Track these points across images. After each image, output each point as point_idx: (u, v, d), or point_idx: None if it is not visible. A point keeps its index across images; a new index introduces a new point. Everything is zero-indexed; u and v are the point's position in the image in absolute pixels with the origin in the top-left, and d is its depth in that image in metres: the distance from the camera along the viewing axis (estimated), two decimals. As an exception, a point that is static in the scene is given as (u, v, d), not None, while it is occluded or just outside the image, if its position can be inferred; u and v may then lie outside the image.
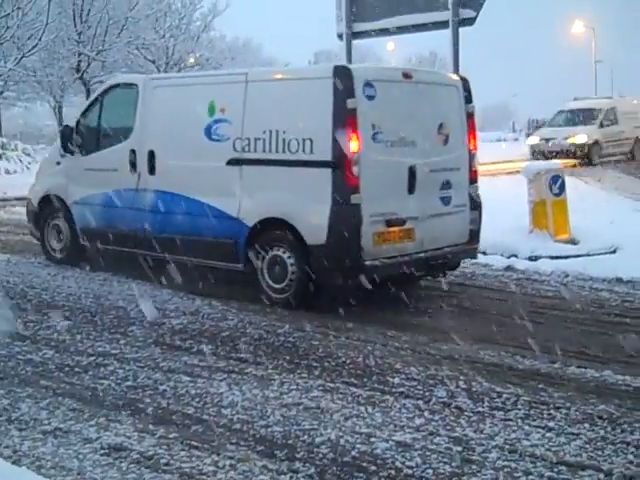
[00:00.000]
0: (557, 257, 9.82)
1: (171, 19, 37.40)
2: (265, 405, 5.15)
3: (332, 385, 5.53)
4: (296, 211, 7.72)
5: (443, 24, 12.88)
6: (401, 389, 5.45)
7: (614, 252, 10.19)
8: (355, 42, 14.60)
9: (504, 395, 5.31)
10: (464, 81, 8.74)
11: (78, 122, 9.93)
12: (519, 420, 4.89)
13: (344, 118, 7.43)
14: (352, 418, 4.93)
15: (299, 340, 6.63)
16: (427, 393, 5.36)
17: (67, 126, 10.19)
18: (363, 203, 7.45)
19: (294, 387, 5.48)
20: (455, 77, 9.06)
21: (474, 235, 8.64)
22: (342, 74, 7.54)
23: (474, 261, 9.77)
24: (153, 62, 36.46)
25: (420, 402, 5.20)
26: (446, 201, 8.28)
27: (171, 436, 4.67)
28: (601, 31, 63.92)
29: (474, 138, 8.71)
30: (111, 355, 6.25)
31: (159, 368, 5.93)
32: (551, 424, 4.83)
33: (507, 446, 4.52)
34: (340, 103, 7.44)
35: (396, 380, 5.62)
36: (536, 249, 10.02)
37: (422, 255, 8.01)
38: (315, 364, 6.00)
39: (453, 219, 8.36)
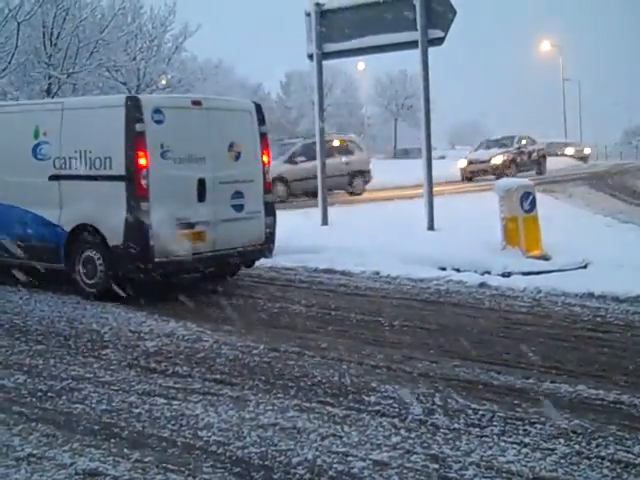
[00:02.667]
0: (530, 273, 9.90)
1: (142, 41, 37.30)
2: (241, 426, 5.12)
3: (308, 405, 5.52)
4: (101, 218, 9.16)
5: (412, 44, 13.05)
6: (377, 407, 5.45)
7: (585, 267, 10.30)
8: (325, 62, 14.71)
9: (480, 411, 5.32)
10: (257, 106, 10.27)
11: None
12: (495, 436, 4.91)
13: (134, 139, 8.87)
14: (329, 437, 4.92)
15: (274, 360, 6.62)
16: (403, 411, 5.37)
17: None
18: (152, 209, 8.83)
19: (270, 407, 5.47)
20: (248, 103, 10.53)
21: (269, 237, 10.10)
22: (132, 103, 9.03)
23: (448, 278, 9.87)
24: (124, 84, 36.32)
25: (396, 420, 5.20)
26: (238, 208, 9.72)
27: (147, 460, 4.63)
28: (568, 49, 64.87)
29: (268, 155, 10.23)
30: (85, 379, 6.19)
31: (134, 391, 5.88)
32: (527, 440, 4.85)
33: (483, 463, 4.53)
34: (131, 127, 8.89)
35: (372, 398, 5.63)
36: (509, 265, 10.10)
37: (214, 254, 9.44)
38: (291, 384, 5.99)
39: (247, 224, 9.79)
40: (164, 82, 38.49)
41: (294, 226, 13.65)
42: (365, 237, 12.17)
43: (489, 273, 10.00)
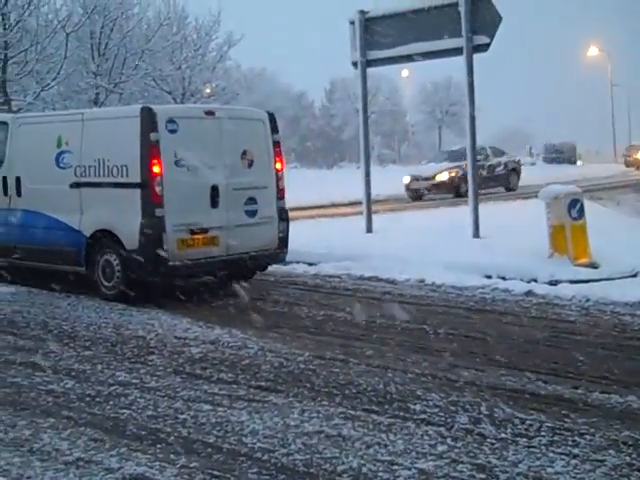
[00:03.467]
0: (578, 281, 9.75)
1: (187, 50, 37.71)
2: (286, 433, 5.12)
3: (353, 412, 5.50)
4: (118, 223, 9.56)
5: (457, 51, 12.98)
6: (423, 416, 5.41)
7: (635, 276, 10.11)
8: (369, 70, 14.71)
9: (527, 421, 5.25)
10: (271, 115, 10.61)
11: None
12: (543, 447, 4.83)
13: (148, 148, 9.22)
14: (374, 446, 4.90)
15: (319, 367, 6.61)
16: (449, 420, 5.32)
17: None
18: (166, 215, 9.22)
19: (315, 415, 5.46)
20: (262, 112, 10.84)
21: (282, 242, 10.43)
22: (146, 113, 9.34)
23: (493, 286, 9.78)
24: (170, 93, 36.75)
25: (442, 429, 5.16)
26: (251, 214, 10.08)
27: (192, 465, 4.66)
28: (616, 54, 64.01)
29: (281, 162, 10.55)
30: (131, 384, 6.25)
31: (179, 397, 5.92)
32: (575, 451, 4.76)
33: (531, 473, 4.46)
34: (145, 136, 9.24)
35: (417, 407, 5.58)
36: (556, 273, 9.96)
37: (227, 258, 9.80)
38: (336, 391, 5.97)
39: (260, 229, 10.14)
40: (208, 90, 38.85)
41: (339, 233, 13.69)
42: (410, 244, 12.11)
43: (536, 281, 9.88)
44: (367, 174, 14.66)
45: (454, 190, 26.06)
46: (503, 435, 5.03)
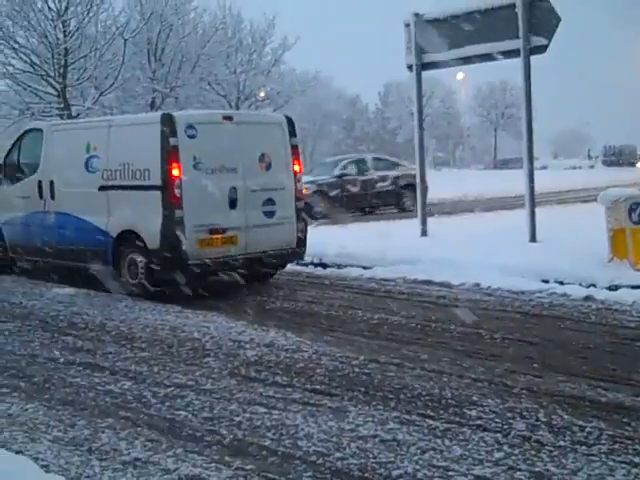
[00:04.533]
0: (638, 287, 9.52)
1: (242, 55, 38.09)
2: (341, 437, 5.11)
3: (408, 417, 5.46)
4: (141, 224, 10.07)
5: (514, 53, 12.82)
6: (479, 421, 5.34)
7: (698, 281, 9.84)
8: (424, 73, 14.62)
9: (586, 429, 5.15)
10: (289, 120, 11.04)
11: (6, 158, 12.83)
12: (603, 455, 4.73)
13: (168, 152, 9.68)
14: (429, 451, 4.86)
15: (374, 371, 6.58)
16: (506, 426, 5.24)
17: None
18: (186, 216, 9.69)
19: (370, 419, 5.43)
20: (280, 117, 11.42)
21: (301, 241, 10.91)
22: (167, 120, 9.81)
23: (551, 291, 9.62)
24: (224, 97, 37.12)
25: (499, 435, 5.09)
26: (269, 214, 10.53)
27: (248, 467, 4.68)
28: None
29: (299, 164, 11.00)
30: (187, 386, 6.30)
31: (235, 399, 5.95)
32: (636, 460, 4.65)
33: (591, 482, 4.38)
34: (165, 141, 9.70)
35: (473, 412, 5.52)
36: (616, 278, 9.74)
37: (245, 256, 10.25)
38: (391, 396, 5.94)
39: (278, 229, 10.58)
40: (263, 94, 39.12)
41: (393, 237, 13.62)
42: (465, 248, 12.01)
43: (595, 286, 9.68)
44: (422, 177, 14.58)
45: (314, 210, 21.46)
46: (562, 443, 4.94)
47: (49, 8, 28.74)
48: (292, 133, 10.96)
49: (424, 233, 14.20)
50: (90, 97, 30.41)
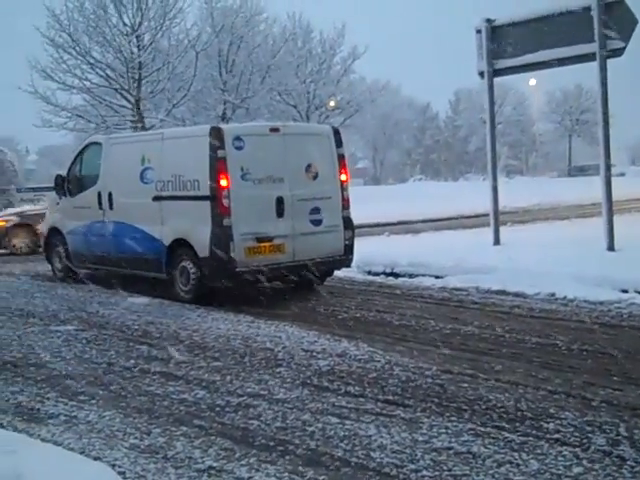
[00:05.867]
0: None
1: (312, 64, 38.28)
2: (414, 449, 5.05)
3: (483, 429, 5.36)
4: (192, 233, 10.43)
5: (589, 57, 12.53)
6: (556, 435, 5.21)
7: None
8: (496, 79, 14.43)
9: (670, 444, 4.97)
10: (335, 130, 11.43)
11: (69, 171, 13.27)
12: (688, 471, 4.56)
13: (216, 164, 10.04)
14: (505, 464, 4.75)
15: (447, 382, 6.49)
16: (585, 440, 5.10)
17: (59, 175, 13.47)
18: (234, 225, 10.04)
19: (443, 431, 5.36)
20: (326, 128, 11.89)
21: (348, 249, 11.18)
22: (215, 132, 10.18)
23: (630, 301, 9.36)
24: (295, 107, 37.35)
25: (578, 450, 4.95)
26: (316, 223, 10.82)
27: (321, 478, 4.66)
28: None
29: (345, 173, 11.28)
30: (260, 396, 6.32)
31: (307, 409, 5.94)
32: None
33: (676, 499, 4.22)
34: (214, 153, 10.06)
35: (551, 425, 5.39)
36: (698, 288, 9.43)
37: (293, 264, 10.54)
38: (465, 407, 5.85)
39: (325, 237, 10.87)
40: (333, 104, 39.21)
41: (465, 245, 13.47)
42: (539, 257, 11.78)
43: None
44: (494, 186, 14.37)
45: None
46: (644, 458, 4.78)
47: (124, 23, 29.47)
48: (338, 143, 11.22)
49: (497, 242, 13.99)
50: (163, 109, 31.01)
